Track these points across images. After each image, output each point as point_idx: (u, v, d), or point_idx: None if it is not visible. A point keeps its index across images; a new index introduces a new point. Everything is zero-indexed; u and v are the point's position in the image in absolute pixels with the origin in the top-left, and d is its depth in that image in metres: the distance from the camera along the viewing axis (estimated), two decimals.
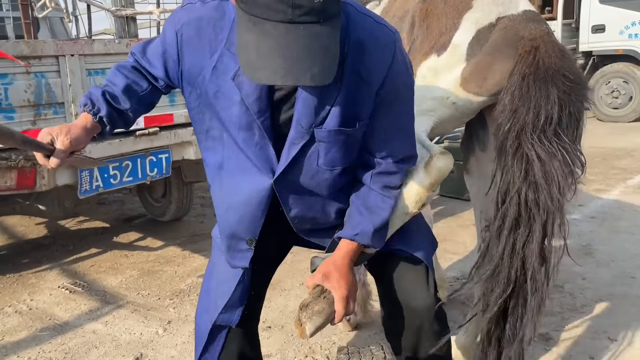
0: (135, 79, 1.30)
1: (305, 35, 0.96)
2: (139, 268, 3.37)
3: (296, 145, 1.19)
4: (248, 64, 0.99)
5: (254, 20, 0.97)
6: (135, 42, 2.63)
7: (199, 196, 4.96)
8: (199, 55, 1.18)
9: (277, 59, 0.97)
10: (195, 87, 1.22)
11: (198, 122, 1.27)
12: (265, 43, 0.97)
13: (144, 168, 2.81)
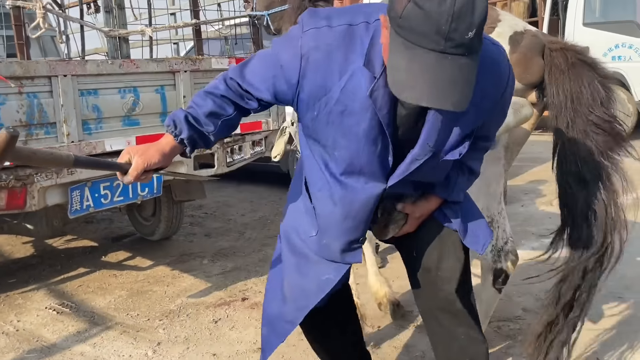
0: (223, 104, 1.38)
1: (452, 65, 1.08)
2: (128, 288, 3.35)
3: (418, 162, 1.34)
4: (396, 83, 1.12)
5: (406, 44, 1.09)
6: (128, 63, 2.66)
7: (188, 215, 4.95)
8: (326, 78, 1.27)
9: (424, 83, 1.08)
10: (313, 108, 1.31)
11: (313, 139, 1.39)
12: (416, 66, 1.08)
13: (134, 188, 2.80)
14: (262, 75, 1.34)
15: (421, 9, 1.06)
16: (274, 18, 2.77)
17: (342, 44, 1.25)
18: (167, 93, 2.82)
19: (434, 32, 1.06)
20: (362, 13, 1.29)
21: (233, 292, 3.22)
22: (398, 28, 1.10)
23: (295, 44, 1.28)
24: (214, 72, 3.00)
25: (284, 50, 1.31)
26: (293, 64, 1.28)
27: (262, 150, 3.33)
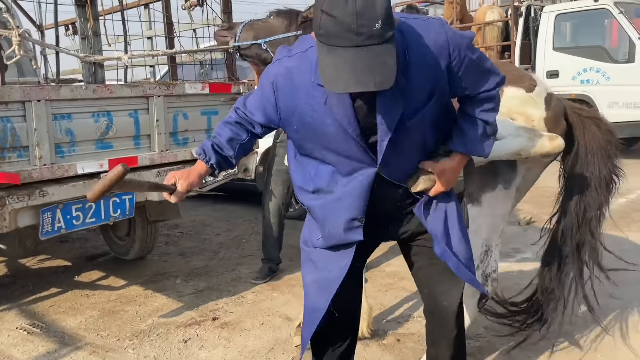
0: (237, 131, 1.68)
1: (368, 54, 1.28)
2: (100, 308, 3.37)
3: (384, 141, 1.51)
4: (327, 80, 1.32)
5: (328, 48, 1.31)
6: (102, 88, 2.72)
7: (163, 234, 4.98)
8: (292, 96, 1.54)
9: (348, 73, 1.29)
10: (291, 123, 1.58)
11: (302, 148, 1.66)
12: (339, 62, 1.29)
13: (107, 209, 2.85)
14: (256, 103, 1.64)
15: (331, 16, 1.28)
16: (273, 45, 2.80)
17: (298, 67, 1.52)
18: (140, 117, 2.89)
19: (345, 31, 1.27)
20: (310, 41, 1.52)
21: (204, 311, 3.27)
22: (320, 37, 1.32)
23: (268, 74, 1.60)
24: (188, 97, 3.09)
25: (263, 81, 1.61)
26: (268, 91, 1.58)
27: (235, 172, 3.40)
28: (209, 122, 3.21)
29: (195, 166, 1.71)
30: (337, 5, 1.27)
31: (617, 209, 5.17)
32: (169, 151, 3.01)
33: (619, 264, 2.68)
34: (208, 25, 3.44)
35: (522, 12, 8.46)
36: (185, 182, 1.67)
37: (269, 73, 1.59)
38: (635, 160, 7.84)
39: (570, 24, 8.48)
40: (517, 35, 8.50)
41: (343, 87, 1.31)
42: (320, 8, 1.30)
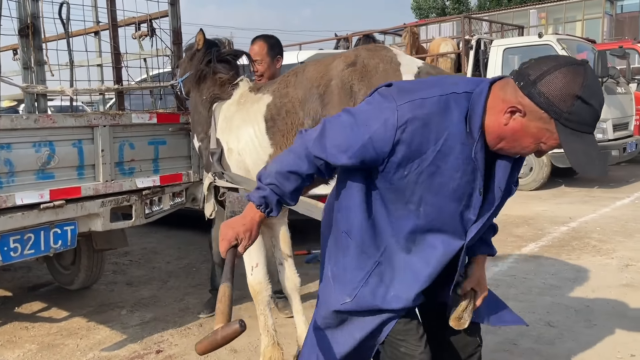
0: (305, 181, 1.51)
1: (595, 139, 1.38)
2: (39, 341, 3.27)
3: (491, 206, 1.51)
4: (579, 165, 1.35)
5: (576, 133, 1.34)
6: (44, 118, 2.69)
7: (112, 262, 4.88)
8: (422, 143, 1.41)
9: (597, 160, 1.36)
10: (404, 169, 1.44)
11: (393, 196, 1.50)
12: (590, 150, 1.35)
13: (47, 240, 2.79)
14: (348, 146, 1.43)
15: (588, 105, 1.32)
16: (185, 84, 2.93)
17: (436, 112, 1.40)
18: (84, 147, 2.86)
19: (594, 120, 1.34)
20: (446, 84, 1.46)
21: (148, 344, 3.21)
22: (566, 121, 1.33)
23: (387, 116, 1.40)
24: (134, 127, 3.08)
25: (375, 122, 1.41)
26: (386, 135, 1.39)
27: (182, 202, 3.39)
28: (156, 152, 3.20)
29: (252, 217, 1.49)
30: (595, 96, 1.32)
31: (558, 237, 5.39)
32: (114, 181, 2.98)
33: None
34: (158, 55, 3.45)
35: (472, 46, 8.81)
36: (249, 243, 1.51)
37: (391, 115, 1.40)
38: (578, 189, 8.20)
39: (518, 57, 8.87)
40: (468, 67, 8.83)
41: (599, 171, 1.36)
42: (575, 94, 1.30)
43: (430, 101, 1.40)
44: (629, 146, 8.23)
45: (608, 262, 4.55)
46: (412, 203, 1.48)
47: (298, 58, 4.94)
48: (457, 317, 1.63)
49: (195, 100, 2.86)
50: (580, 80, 1.31)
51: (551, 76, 1.31)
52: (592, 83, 1.32)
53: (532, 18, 17.38)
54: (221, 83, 2.80)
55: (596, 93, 1.33)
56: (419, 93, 1.42)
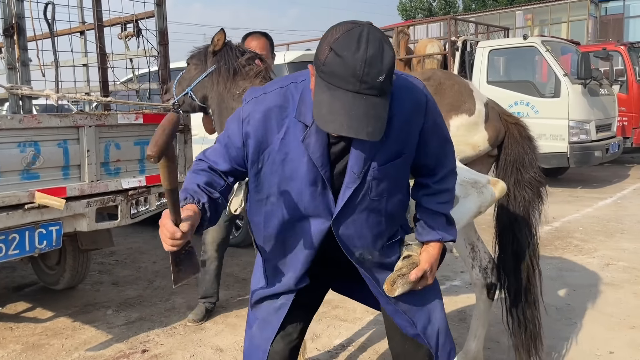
0: (212, 176, 1.54)
1: (366, 103, 1.29)
2: (24, 342, 3.26)
3: (349, 189, 1.50)
4: (320, 117, 1.31)
5: (328, 86, 1.29)
6: (29, 118, 2.69)
7: (97, 262, 4.87)
8: (266, 133, 1.48)
9: (343, 116, 1.28)
10: (258, 162, 1.51)
11: (258, 192, 1.58)
12: (336, 103, 1.29)
13: (32, 241, 2.78)
14: (217, 152, 1.56)
15: (339, 57, 1.27)
16: (196, 91, 2.89)
17: (276, 103, 1.48)
18: (70, 147, 2.86)
19: (350, 76, 1.27)
20: (290, 77, 1.54)
21: (134, 343, 3.22)
22: (322, 73, 1.31)
23: (238, 115, 1.52)
24: (120, 127, 3.08)
25: (231, 123, 1.54)
26: (237, 130, 1.50)
27: None
28: (142, 152, 3.20)
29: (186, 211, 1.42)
30: (348, 47, 1.26)
31: (541, 236, 5.45)
32: (100, 181, 2.99)
33: None
34: (145, 55, 3.45)
35: (458, 47, 8.89)
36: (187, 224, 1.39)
37: (240, 113, 1.52)
38: (562, 189, 8.31)
39: (503, 59, 8.98)
40: (454, 68, 8.90)
41: (335, 128, 1.29)
42: (329, 45, 1.28)
43: (271, 94, 1.50)
44: (611, 147, 8.37)
45: (589, 261, 4.63)
46: (273, 195, 1.55)
47: (285, 58, 4.95)
48: (391, 281, 1.61)
49: (222, 97, 2.78)
50: (341, 31, 1.29)
51: (326, 33, 1.33)
52: (353, 36, 1.27)
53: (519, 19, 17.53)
54: (254, 75, 2.77)
55: (351, 46, 1.26)
56: (264, 89, 1.53)
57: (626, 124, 10.01)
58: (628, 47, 10.52)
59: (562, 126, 7.85)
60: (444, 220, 1.67)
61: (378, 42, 1.29)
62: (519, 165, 2.48)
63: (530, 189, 2.50)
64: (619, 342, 3.09)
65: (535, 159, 2.52)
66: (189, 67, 2.91)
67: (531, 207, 2.54)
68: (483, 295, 2.60)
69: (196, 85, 2.86)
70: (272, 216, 1.58)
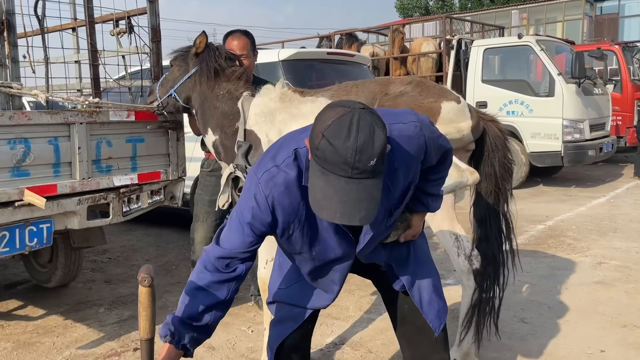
0: (216, 291, 1.58)
1: (358, 188, 1.33)
2: (15, 340, 3.24)
3: (368, 235, 1.64)
4: (315, 202, 1.37)
5: (322, 170, 1.34)
6: (19, 115, 2.67)
7: (90, 260, 4.85)
8: (292, 203, 1.54)
9: (336, 204, 1.33)
10: (289, 229, 1.58)
11: (289, 248, 1.68)
12: (329, 190, 1.33)
13: (22, 238, 2.77)
14: (239, 236, 1.57)
15: (331, 145, 1.31)
16: (180, 92, 2.89)
17: (293, 173, 1.52)
18: (61, 144, 2.84)
19: (342, 163, 1.31)
20: (292, 141, 1.58)
21: (126, 341, 3.20)
22: (316, 157, 1.36)
23: (255, 192, 1.54)
24: (112, 124, 3.07)
25: (248, 202, 1.55)
26: (262, 206, 1.53)
27: (161, 200, 3.38)
28: (134, 150, 3.19)
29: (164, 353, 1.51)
30: (339, 136, 1.30)
31: (535, 235, 5.48)
32: (91, 179, 2.97)
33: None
34: (137, 52, 3.44)
35: (453, 45, 8.90)
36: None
37: (259, 189, 1.53)
38: (556, 188, 8.34)
39: (498, 58, 8.98)
40: (449, 67, 8.91)
41: (329, 216, 1.35)
42: (321, 132, 1.32)
43: (283, 166, 1.54)
44: (605, 146, 8.40)
45: (582, 260, 4.65)
46: (305, 252, 1.66)
47: (279, 56, 4.94)
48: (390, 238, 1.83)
49: (205, 97, 2.84)
50: (332, 120, 1.32)
51: (318, 114, 1.39)
52: (344, 123, 1.31)
53: (514, 18, 17.57)
54: (237, 78, 2.83)
55: (342, 135, 1.30)
56: (274, 160, 1.56)
57: (620, 123, 10.05)
58: (622, 46, 10.56)
59: (556, 125, 7.87)
60: (434, 197, 1.87)
61: (369, 127, 1.32)
62: (501, 157, 2.67)
63: (509, 177, 2.74)
64: (610, 341, 3.10)
65: (509, 149, 2.76)
66: (172, 69, 2.92)
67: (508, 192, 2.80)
68: (470, 281, 2.70)
69: (179, 86, 2.87)
70: (303, 263, 1.73)
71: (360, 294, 3.91)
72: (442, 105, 2.53)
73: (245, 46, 3.20)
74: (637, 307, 3.57)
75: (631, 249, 4.94)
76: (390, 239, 1.83)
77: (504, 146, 2.71)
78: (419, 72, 9.28)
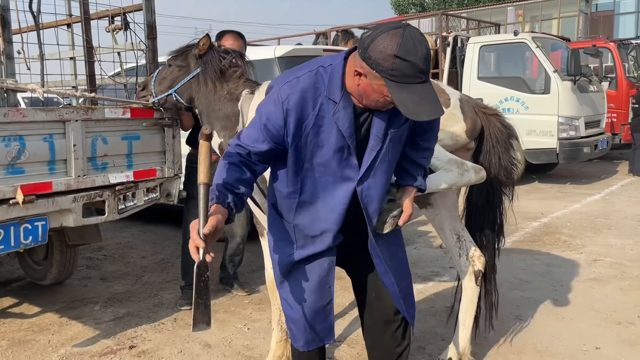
0: (243, 169, 1.76)
1: (428, 87, 1.60)
2: (10, 337, 3.23)
3: (373, 151, 1.77)
4: (409, 111, 1.58)
5: (401, 85, 1.57)
6: (14, 112, 2.65)
7: (86, 257, 4.84)
8: (303, 111, 1.71)
9: (425, 105, 1.59)
10: (298, 136, 1.73)
11: (295, 163, 1.79)
12: (415, 97, 1.57)
13: (17, 236, 2.75)
14: (257, 134, 1.75)
15: (407, 61, 1.55)
16: (182, 93, 2.87)
17: (310, 84, 1.72)
18: (56, 141, 2.82)
19: (418, 72, 1.57)
20: (316, 62, 1.78)
21: (121, 339, 3.20)
22: (392, 77, 1.56)
23: (275, 98, 1.73)
24: (107, 122, 3.05)
25: (267, 107, 1.75)
26: (277, 110, 1.71)
27: (157, 197, 3.37)
28: (130, 147, 3.17)
29: (213, 209, 1.63)
30: (411, 52, 1.54)
31: (530, 232, 5.50)
32: (87, 176, 2.95)
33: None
34: (133, 49, 3.42)
35: (449, 42, 8.89)
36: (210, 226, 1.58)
37: (278, 95, 1.72)
38: (551, 185, 8.37)
39: (494, 55, 8.99)
40: (445, 64, 8.91)
41: (427, 115, 1.59)
42: (393, 54, 1.54)
43: (302, 77, 1.73)
44: (600, 143, 8.42)
45: (577, 257, 4.67)
46: (307, 162, 1.79)
47: (275, 53, 4.93)
48: (383, 221, 1.89)
49: (209, 99, 2.81)
50: (397, 40, 1.55)
51: (376, 41, 1.57)
52: (408, 41, 1.55)
53: (510, 15, 17.59)
54: (238, 77, 2.80)
55: (412, 50, 1.55)
56: (294, 74, 1.77)
57: (615, 121, 10.08)
58: (618, 43, 10.58)
59: (552, 122, 7.89)
60: (422, 171, 1.99)
61: (420, 36, 1.59)
62: (502, 153, 2.60)
63: (508, 174, 2.66)
64: (605, 338, 3.11)
65: (513, 146, 2.70)
66: (171, 68, 2.88)
67: (506, 189, 2.75)
68: (471, 282, 2.68)
69: (181, 87, 2.84)
70: (306, 181, 1.82)
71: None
72: None
73: (240, 48, 3.20)
74: (632, 304, 3.59)
75: (626, 246, 4.96)
76: (387, 228, 1.89)
77: (505, 142, 2.62)
78: None
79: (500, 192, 2.73)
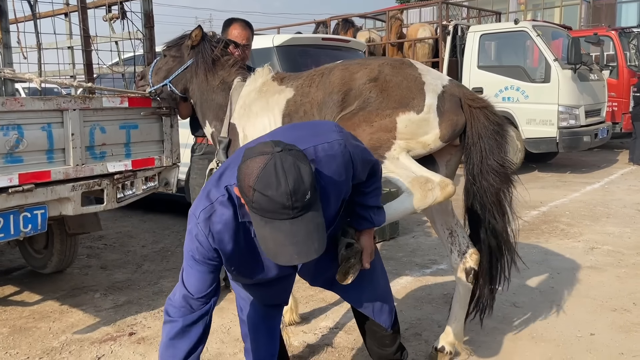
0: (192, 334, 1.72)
1: (303, 222, 1.39)
2: (11, 325, 3.27)
3: None
4: (269, 251, 1.43)
5: (264, 220, 1.39)
6: (12, 101, 2.66)
7: (86, 246, 4.87)
8: (230, 240, 1.63)
9: (289, 247, 1.40)
10: (230, 265, 1.72)
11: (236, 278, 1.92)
12: (278, 235, 1.39)
13: (17, 224, 2.78)
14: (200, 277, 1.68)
15: (266, 196, 1.36)
16: (176, 83, 2.89)
17: (228, 212, 1.60)
18: (54, 130, 2.84)
19: (281, 208, 1.36)
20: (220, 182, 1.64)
21: (121, 326, 3.23)
22: (254, 210, 1.41)
23: (197, 231, 1.61)
24: (105, 111, 3.06)
25: (192, 244, 1.64)
26: (205, 246, 1.62)
27: (155, 186, 3.39)
28: (128, 136, 3.19)
29: None
30: (269, 186, 1.35)
31: (528, 221, 5.52)
32: (85, 165, 2.97)
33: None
34: (130, 38, 3.42)
35: (450, 31, 8.86)
36: None
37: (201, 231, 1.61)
38: (551, 174, 8.37)
39: (494, 43, 8.96)
40: (445, 53, 8.88)
41: (286, 260, 1.43)
42: (251, 186, 1.37)
43: (218, 207, 1.61)
44: (600, 132, 8.41)
45: (575, 245, 4.69)
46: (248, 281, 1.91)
47: (274, 42, 4.92)
48: (344, 273, 1.89)
49: (202, 89, 2.84)
50: (257, 170, 1.37)
51: (243, 164, 1.41)
52: (269, 173, 1.35)
53: (512, 4, 17.48)
54: (231, 65, 2.82)
55: (271, 184, 1.35)
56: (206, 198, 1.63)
57: (616, 110, 10.07)
58: (619, 32, 10.53)
59: (552, 111, 7.87)
60: (375, 209, 1.93)
61: (294, 168, 1.37)
62: (483, 151, 2.35)
63: (497, 176, 2.38)
64: (600, 324, 3.14)
65: (503, 145, 2.40)
66: (166, 59, 2.91)
67: (501, 193, 2.44)
68: (463, 279, 2.62)
69: (175, 77, 2.86)
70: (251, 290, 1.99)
71: None
72: (398, 120, 2.27)
73: (247, 37, 3.21)
74: (628, 292, 3.61)
75: (624, 234, 4.98)
76: (349, 279, 1.90)
77: (491, 138, 2.34)
78: (415, 58, 9.25)
79: (492, 194, 2.42)
